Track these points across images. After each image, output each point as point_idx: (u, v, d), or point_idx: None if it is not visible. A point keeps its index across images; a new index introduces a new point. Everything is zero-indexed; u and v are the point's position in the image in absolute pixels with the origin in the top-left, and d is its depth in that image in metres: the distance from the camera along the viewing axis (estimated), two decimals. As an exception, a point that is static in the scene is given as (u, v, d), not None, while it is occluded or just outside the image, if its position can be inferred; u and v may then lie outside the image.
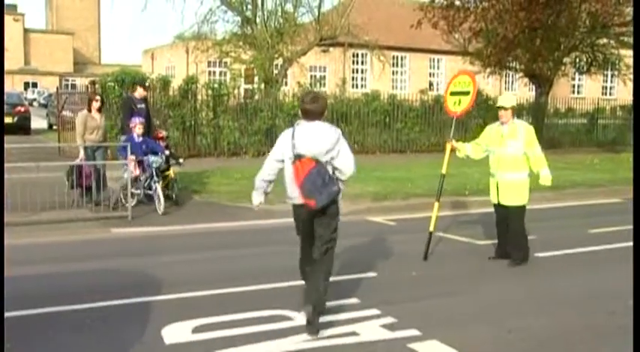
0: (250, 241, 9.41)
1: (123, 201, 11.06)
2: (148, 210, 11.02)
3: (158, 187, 11.03)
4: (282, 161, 5.73)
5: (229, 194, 12.46)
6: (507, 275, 7.69)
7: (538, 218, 11.06)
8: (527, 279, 7.52)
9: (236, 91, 21.22)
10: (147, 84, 13.94)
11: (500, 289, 7.08)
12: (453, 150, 8.51)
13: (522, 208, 8.02)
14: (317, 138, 5.61)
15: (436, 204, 8.65)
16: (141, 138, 11.21)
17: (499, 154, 7.99)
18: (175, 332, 5.51)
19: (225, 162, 18.07)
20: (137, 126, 11.19)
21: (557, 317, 6.13)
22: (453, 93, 8.73)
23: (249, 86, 24.52)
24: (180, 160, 12.23)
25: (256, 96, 22.15)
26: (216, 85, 20.22)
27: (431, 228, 8.51)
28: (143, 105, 12.00)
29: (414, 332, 5.58)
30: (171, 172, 11.89)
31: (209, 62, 31.16)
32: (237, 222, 10.51)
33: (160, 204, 10.95)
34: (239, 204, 11.54)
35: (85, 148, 11.12)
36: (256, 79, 24.88)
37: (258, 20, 24.70)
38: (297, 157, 5.53)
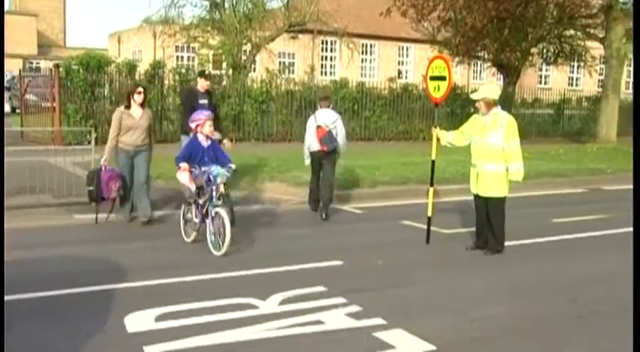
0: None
1: (183, 234, 8.39)
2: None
3: (224, 215, 7.52)
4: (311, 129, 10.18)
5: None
6: (473, 264, 7.72)
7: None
8: (492, 268, 7.56)
9: (203, 77, 20.98)
10: (209, 73, 11.45)
11: (465, 278, 7.11)
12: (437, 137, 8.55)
13: (502, 200, 8.02)
14: (328, 117, 10.21)
15: (431, 190, 8.73)
16: (209, 141, 8.10)
17: (480, 145, 7.96)
18: (138, 320, 5.43)
19: (192, 148, 17.90)
20: (206, 124, 7.99)
21: (520, 306, 6.18)
22: (432, 78, 8.71)
23: (217, 72, 24.31)
24: (232, 166, 8.04)
25: (224, 82, 21.97)
26: (183, 70, 20.03)
27: (429, 213, 8.58)
28: (206, 101, 10.27)
29: (379, 320, 5.57)
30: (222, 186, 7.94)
31: (177, 47, 30.80)
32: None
33: (224, 241, 7.45)
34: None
35: (117, 152, 9.17)
36: (224, 64, 24.68)
37: (226, 5, 24.46)
38: (318, 127, 10.10)
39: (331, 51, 38.14)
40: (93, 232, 8.93)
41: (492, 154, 7.85)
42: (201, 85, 10.46)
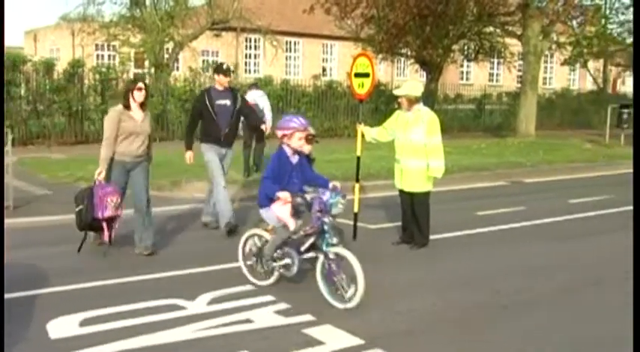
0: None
1: (249, 276, 6.64)
2: (29, 199, 10.53)
3: (351, 257, 5.85)
4: None
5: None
6: (399, 258, 7.82)
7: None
8: (418, 262, 7.67)
9: (125, 76, 20.61)
10: (227, 67, 8.85)
11: (392, 272, 7.19)
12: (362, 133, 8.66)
13: (426, 194, 8.13)
14: (254, 94, 12.56)
15: (357, 186, 8.83)
16: (296, 157, 6.25)
17: (403, 141, 8.02)
18: (61, 326, 5.29)
19: (115, 148, 17.53)
20: (295, 135, 6.11)
21: (446, 298, 6.29)
22: (357, 75, 8.79)
23: (140, 70, 23.88)
24: (338, 186, 6.27)
25: (146, 81, 21.56)
26: (104, 69, 19.60)
27: (355, 209, 8.64)
28: (228, 101, 8.63)
29: (308, 317, 5.59)
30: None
31: (96, 45, 30.13)
32: (128, 210, 10.16)
33: (356, 290, 5.79)
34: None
35: (113, 164, 7.44)
36: (146, 63, 24.27)
37: (147, 2, 24.04)
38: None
39: (255, 48, 37.98)
40: (10, 237, 8.64)
41: (415, 150, 7.94)
42: (220, 81, 8.71)
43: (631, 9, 32.68)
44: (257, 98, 13.96)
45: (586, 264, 7.68)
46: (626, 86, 44.13)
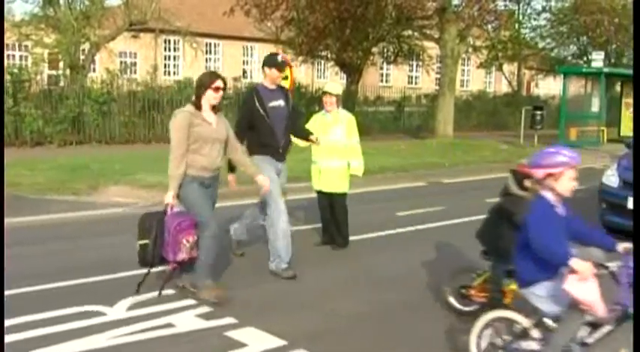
0: (57, 235, 8.89)
1: None
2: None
3: None
4: None
5: (34, 186, 11.69)
6: (320, 259, 7.84)
7: (348, 202, 11.41)
8: (341, 263, 7.72)
9: (39, 77, 20.02)
10: (283, 59, 7.25)
11: (313, 273, 7.20)
12: None
13: (345, 195, 8.21)
14: None
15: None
16: (561, 206, 4.40)
17: (323, 142, 7.94)
18: (-28, 336, 5.08)
19: (29, 152, 17.01)
20: (565, 175, 4.40)
21: (367, 297, 6.36)
22: None
23: (54, 72, 23.23)
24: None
25: (61, 83, 21.03)
26: (15, 70, 18.93)
27: None
28: (282, 102, 7.05)
29: (231, 320, 5.55)
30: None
31: (7, 45, 29.14)
32: (44, 216, 9.89)
33: None
34: (46, 196, 10.92)
35: (184, 183, 5.93)
36: (61, 64, 23.63)
37: (61, 1, 23.42)
38: None
39: (174, 50, 37.49)
40: None
41: (334, 151, 8.01)
42: (271, 77, 6.96)
43: (542, 15, 33.90)
44: None
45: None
46: (539, 88, 45.57)
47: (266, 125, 6.93)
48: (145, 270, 6.06)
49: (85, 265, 7.22)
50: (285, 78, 8.53)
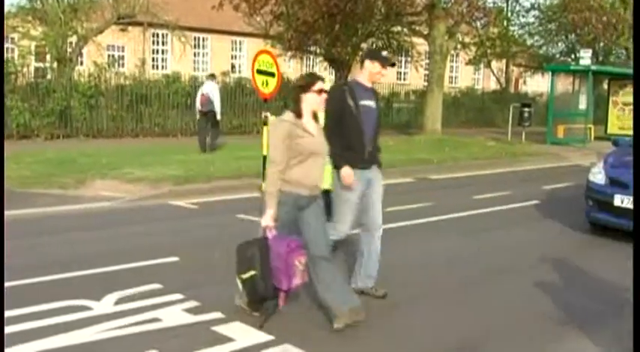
0: (43, 229, 8.85)
1: None
2: None
3: None
4: None
5: (20, 179, 11.62)
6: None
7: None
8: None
9: (25, 70, 19.91)
10: (389, 55, 6.69)
11: (302, 268, 7.20)
12: (266, 123, 8.51)
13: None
14: (207, 87, 12.86)
15: (263, 185, 8.54)
16: None
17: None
18: (-43, 329, 5.06)
19: (15, 145, 16.89)
20: None
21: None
22: (259, 72, 8.63)
23: (41, 64, 23.08)
24: None
25: (49, 76, 20.91)
26: (1, 63, 18.83)
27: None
28: (372, 102, 6.21)
29: (218, 314, 5.54)
30: None
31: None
32: (29, 209, 9.85)
33: None
34: (32, 189, 10.86)
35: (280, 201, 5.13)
36: (48, 57, 23.48)
37: (49, -6, 23.26)
38: (202, 94, 12.70)
39: (163, 44, 37.32)
40: None
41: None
42: (371, 73, 6.14)
43: (531, 12, 34.01)
44: (212, 90, 16.67)
45: (488, 257, 7.90)
46: (528, 86, 45.74)
47: (356, 125, 5.97)
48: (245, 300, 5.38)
49: (71, 259, 7.19)
50: (272, 75, 8.44)
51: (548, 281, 6.96)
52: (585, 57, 24.54)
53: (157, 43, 37.40)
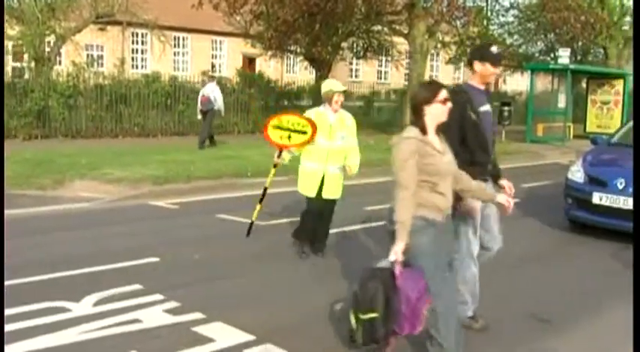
0: (21, 231, 8.75)
1: None
2: None
3: None
4: None
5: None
6: (289, 255, 7.81)
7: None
8: (313, 257, 7.68)
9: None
10: (500, 52, 5.63)
11: (283, 269, 7.20)
12: (277, 165, 8.08)
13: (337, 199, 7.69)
14: (208, 88, 15.45)
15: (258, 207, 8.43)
16: None
17: (329, 146, 7.31)
18: None
19: (-7, 145, 16.74)
20: None
21: (336, 293, 6.34)
22: (278, 128, 7.73)
23: (19, 64, 22.85)
24: None
25: (26, 76, 20.71)
26: (-23, 63, 18.63)
27: (254, 216, 8.39)
28: (489, 107, 5.44)
29: (198, 315, 5.52)
30: None
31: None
32: (7, 211, 9.72)
33: None
34: (10, 190, 10.74)
35: (414, 230, 4.32)
36: (26, 56, 23.25)
37: (26, -7, 23.03)
38: (202, 95, 15.97)
39: (142, 43, 37.13)
40: None
41: (340, 155, 7.44)
42: (483, 75, 5.39)
43: (510, 11, 34.20)
44: (214, 90, 17.95)
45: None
46: (507, 84, 45.96)
47: (480, 136, 5.25)
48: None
49: (50, 260, 7.12)
50: (304, 133, 7.55)
51: (528, 279, 7.00)
52: (564, 56, 24.71)
53: (137, 42, 37.21)
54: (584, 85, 27.63)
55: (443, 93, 4.45)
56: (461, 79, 47.79)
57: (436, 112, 4.43)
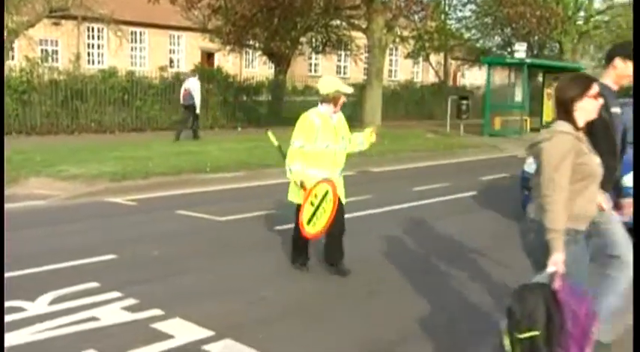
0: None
1: None
2: None
3: None
4: None
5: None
6: (249, 250, 7.79)
7: (275, 192, 11.37)
8: (271, 251, 7.66)
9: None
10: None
11: (243, 263, 7.16)
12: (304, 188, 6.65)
13: None
14: (189, 83, 17.30)
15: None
16: None
17: (335, 150, 6.75)
18: None
19: (-56, 143, 16.36)
20: None
21: (295, 286, 6.34)
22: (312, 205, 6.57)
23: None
24: None
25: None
26: None
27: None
28: (619, 110, 4.94)
29: (157, 311, 5.45)
30: None
31: None
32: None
33: None
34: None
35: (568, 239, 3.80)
36: (-24, 52, 22.76)
37: (-24, -13, 22.52)
38: (184, 90, 17.90)
39: (98, 38, 36.60)
40: None
41: (343, 158, 6.97)
42: (620, 75, 4.95)
43: (467, 6, 34.50)
44: (193, 85, 18.80)
45: (430, 248, 7.97)
46: (466, 79, 46.41)
47: (610, 139, 4.76)
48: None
49: (6, 259, 6.97)
50: (326, 212, 6.49)
51: (487, 269, 7.06)
52: (520, 50, 25.01)
53: (92, 37, 36.66)
54: (540, 78, 28.01)
55: (595, 88, 4.03)
56: (420, 74, 48.17)
57: (588, 108, 4.00)
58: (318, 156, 6.66)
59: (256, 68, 36.91)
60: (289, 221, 8.75)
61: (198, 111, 19.11)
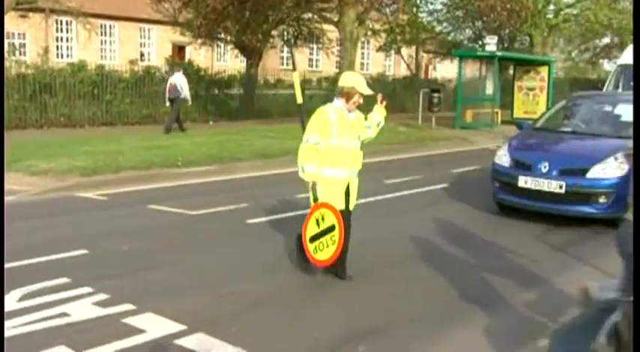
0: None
1: None
2: None
3: None
4: None
5: None
6: (220, 244, 7.78)
7: (247, 186, 11.37)
8: (242, 245, 7.66)
9: None
10: None
11: (214, 257, 7.15)
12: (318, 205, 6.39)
13: None
14: (175, 77, 17.71)
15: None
16: None
17: (353, 148, 6.41)
18: None
19: None
20: None
21: (266, 280, 6.35)
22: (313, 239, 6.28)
23: None
24: None
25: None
26: None
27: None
28: None
29: (129, 306, 5.43)
30: None
31: None
32: None
33: None
34: None
35: None
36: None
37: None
38: (170, 83, 18.19)
39: (67, 31, 36.16)
40: None
41: (360, 157, 6.59)
42: None
43: (439, -1, 34.63)
44: (180, 80, 19.12)
45: (402, 240, 8.01)
46: (437, 72, 46.61)
47: None
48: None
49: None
50: (332, 228, 6.24)
51: (458, 261, 7.12)
52: (491, 43, 25.16)
53: (61, 30, 36.21)
54: (511, 71, 28.22)
55: None
56: (392, 67, 48.32)
57: None
58: (335, 154, 6.24)
59: (228, 62, 36.72)
60: (261, 214, 8.78)
61: (189, 102, 19.90)
